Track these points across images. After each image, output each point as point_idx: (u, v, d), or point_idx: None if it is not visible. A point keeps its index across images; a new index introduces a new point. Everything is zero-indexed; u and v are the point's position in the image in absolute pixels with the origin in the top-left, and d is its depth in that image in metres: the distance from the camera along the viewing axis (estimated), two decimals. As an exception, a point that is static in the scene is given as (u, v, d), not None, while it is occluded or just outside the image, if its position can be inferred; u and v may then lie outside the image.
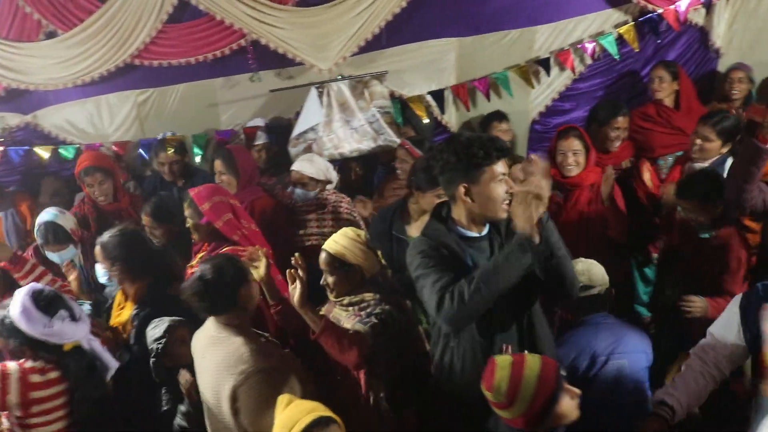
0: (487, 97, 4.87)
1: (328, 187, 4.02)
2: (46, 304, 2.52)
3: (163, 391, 2.83)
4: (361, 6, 4.43)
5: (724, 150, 3.75)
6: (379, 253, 2.96)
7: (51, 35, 4.54)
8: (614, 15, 4.87)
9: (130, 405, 2.83)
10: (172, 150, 4.46)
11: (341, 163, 4.64)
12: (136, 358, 2.92)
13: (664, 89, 4.48)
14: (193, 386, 2.65)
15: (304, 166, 3.93)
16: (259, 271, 2.76)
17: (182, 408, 2.74)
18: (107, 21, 4.45)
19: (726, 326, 2.39)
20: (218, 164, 3.95)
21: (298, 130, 4.48)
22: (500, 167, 2.32)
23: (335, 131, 4.50)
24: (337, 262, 2.80)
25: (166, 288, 3.07)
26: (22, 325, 2.47)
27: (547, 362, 2.08)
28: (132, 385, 2.87)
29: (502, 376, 2.03)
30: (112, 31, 4.47)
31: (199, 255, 3.28)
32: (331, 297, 2.88)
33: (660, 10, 4.69)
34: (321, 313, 2.81)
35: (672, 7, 4.69)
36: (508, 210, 2.32)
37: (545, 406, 2.00)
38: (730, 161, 3.69)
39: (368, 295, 2.79)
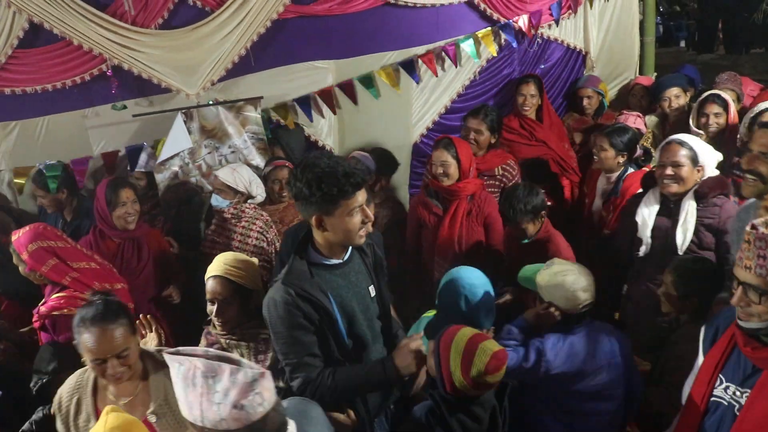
0: (354, 101, 4.82)
1: (251, 201, 3.94)
2: None
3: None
4: (226, 28, 4.28)
5: (621, 160, 4.00)
6: None
7: None
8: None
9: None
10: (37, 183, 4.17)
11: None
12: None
13: (534, 104, 4.69)
14: None
15: (224, 172, 3.96)
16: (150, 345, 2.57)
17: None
18: (-52, 47, 4.10)
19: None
20: None
21: (164, 155, 4.27)
22: (357, 199, 2.27)
23: (203, 157, 4.33)
24: (234, 289, 2.66)
25: None
26: None
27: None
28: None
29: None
30: (-45, 57, 4.12)
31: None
32: (220, 330, 2.71)
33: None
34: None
35: (525, 16, 5.04)
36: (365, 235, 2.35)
37: None
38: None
39: (263, 330, 2.61)
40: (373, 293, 2.53)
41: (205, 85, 4.38)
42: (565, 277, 2.81)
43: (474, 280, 2.82)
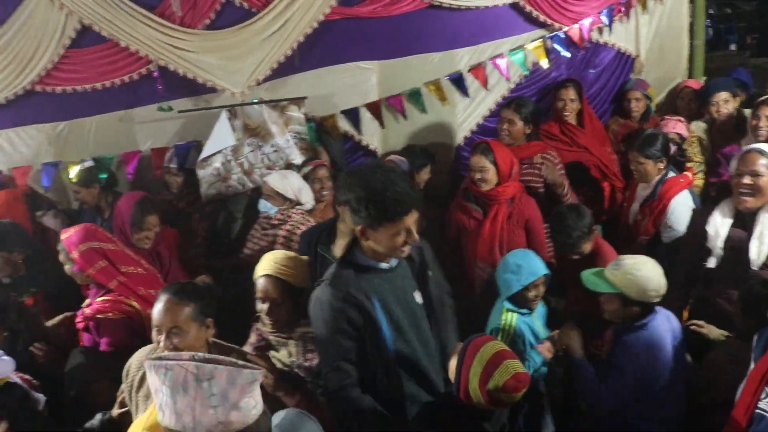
0: (403, 115, 4.80)
1: (299, 207, 3.92)
2: None
3: None
4: (272, 27, 4.31)
5: (662, 166, 3.82)
6: None
7: (-61, 61, 4.27)
8: (532, 38, 5.01)
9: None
10: (77, 179, 4.26)
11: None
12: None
13: (574, 110, 4.59)
14: None
15: (274, 179, 3.92)
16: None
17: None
18: (4, 46, 4.19)
19: None
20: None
21: (206, 152, 4.30)
22: (404, 223, 2.27)
23: (245, 156, 4.34)
24: (285, 288, 2.63)
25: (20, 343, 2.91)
26: None
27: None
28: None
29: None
30: (10, 56, 4.21)
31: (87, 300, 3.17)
32: (269, 327, 2.68)
33: (566, 28, 4.91)
34: (247, 347, 2.68)
35: (575, 26, 4.91)
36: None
37: None
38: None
39: (312, 329, 2.55)
40: (419, 299, 2.51)
41: (250, 84, 4.43)
42: (645, 266, 2.83)
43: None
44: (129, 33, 4.21)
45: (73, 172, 4.40)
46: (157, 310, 2.35)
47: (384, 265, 2.42)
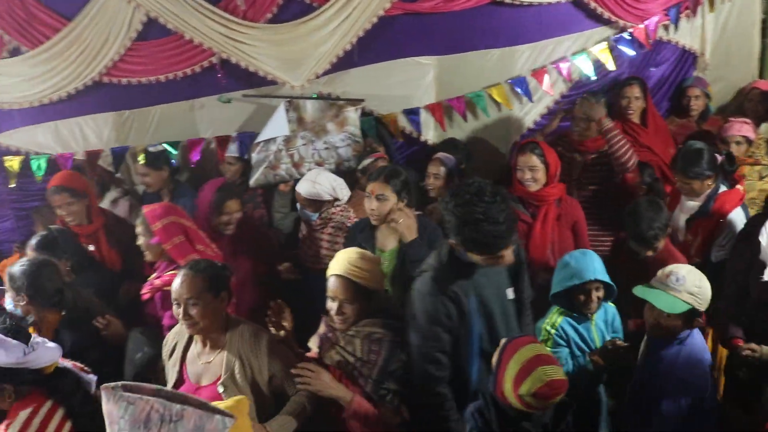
0: (463, 117, 4.77)
1: (338, 203, 3.91)
2: (15, 331, 2.38)
3: None
4: (333, 23, 4.34)
5: (710, 182, 3.64)
6: None
7: (15, 52, 4.41)
8: (595, 35, 4.89)
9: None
10: (144, 160, 4.36)
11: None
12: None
13: (638, 108, 4.48)
14: None
15: (304, 187, 3.85)
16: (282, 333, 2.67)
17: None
18: (75, 38, 4.32)
19: None
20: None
21: (261, 137, 4.36)
22: (496, 255, 2.36)
23: (297, 148, 4.37)
24: (356, 289, 2.59)
25: (80, 323, 2.96)
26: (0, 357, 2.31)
27: None
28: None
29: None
30: (80, 48, 4.34)
31: (153, 275, 3.24)
32: (341, 327, 2.65)
33: (631, 27, 4.80)
34: (315, 338, 2.73)
35: (641, 26, 4.78)
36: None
37: None
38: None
39: (377, 329, 2.60)
40: (511, 296, 2.56)
41: (309, 77, 4.46)
42: (701, 276, 2.75)
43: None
44: (194, 26, 4.30)
45: (142, 156, 4.49)
46: (176, 284, 2.58)
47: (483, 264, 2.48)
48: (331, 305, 2.64)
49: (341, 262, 2.65)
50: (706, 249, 3.64)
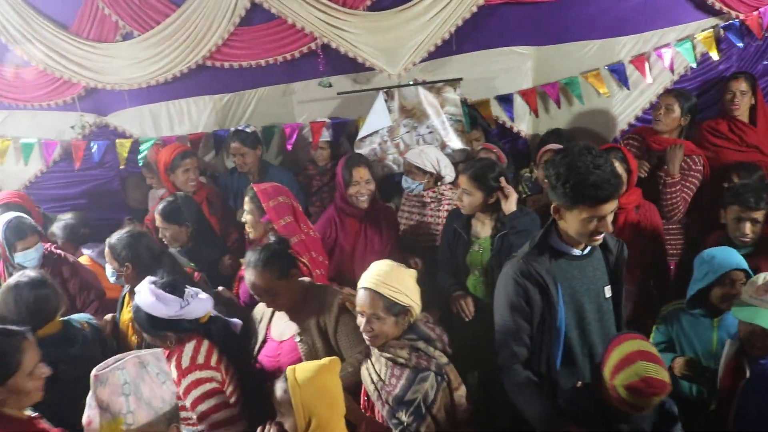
0: (557, 103, 4.69)
1: (441, 182, 3.97)
2: (172, 287, 2.61)
3: None
4: (432, 11, 4.35)
5: None
6: None
7: (127, 37, 4.65)
8: (703, 26, 4.64)
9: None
10: (241, 141, 4.45)
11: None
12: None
13: (744, 104, 4.23)
14: None
15: (411, 154, 3.98)
16: None
17: None
18: (182, 23, 4.51)
19: None
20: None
21: (363, 132, 4.43)
22: (600, 210, 2.23)
23: (401, 136, 4.41)
24: (386, 305, 2.41)
25: None
26: (160, 311, 2.55)
27: None
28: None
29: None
30: (186, 32, 4.53)
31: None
32: (372, 343, 2.50)
33: (742, 16, 4.50)
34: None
35: (755, 13, 4.49)
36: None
37: None
38: None
39: (402, 354, 2.42)
40: (608, 293, 2.47)
41: (407, 65, 4.48)
42: None
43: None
44: (296, 12, 4.40)
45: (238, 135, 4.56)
46: (248, 280, 2.75)
47: (576, 252, 2.41)
48: (360, 320, 2.48)
49: (371, 274, 2.48)
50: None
